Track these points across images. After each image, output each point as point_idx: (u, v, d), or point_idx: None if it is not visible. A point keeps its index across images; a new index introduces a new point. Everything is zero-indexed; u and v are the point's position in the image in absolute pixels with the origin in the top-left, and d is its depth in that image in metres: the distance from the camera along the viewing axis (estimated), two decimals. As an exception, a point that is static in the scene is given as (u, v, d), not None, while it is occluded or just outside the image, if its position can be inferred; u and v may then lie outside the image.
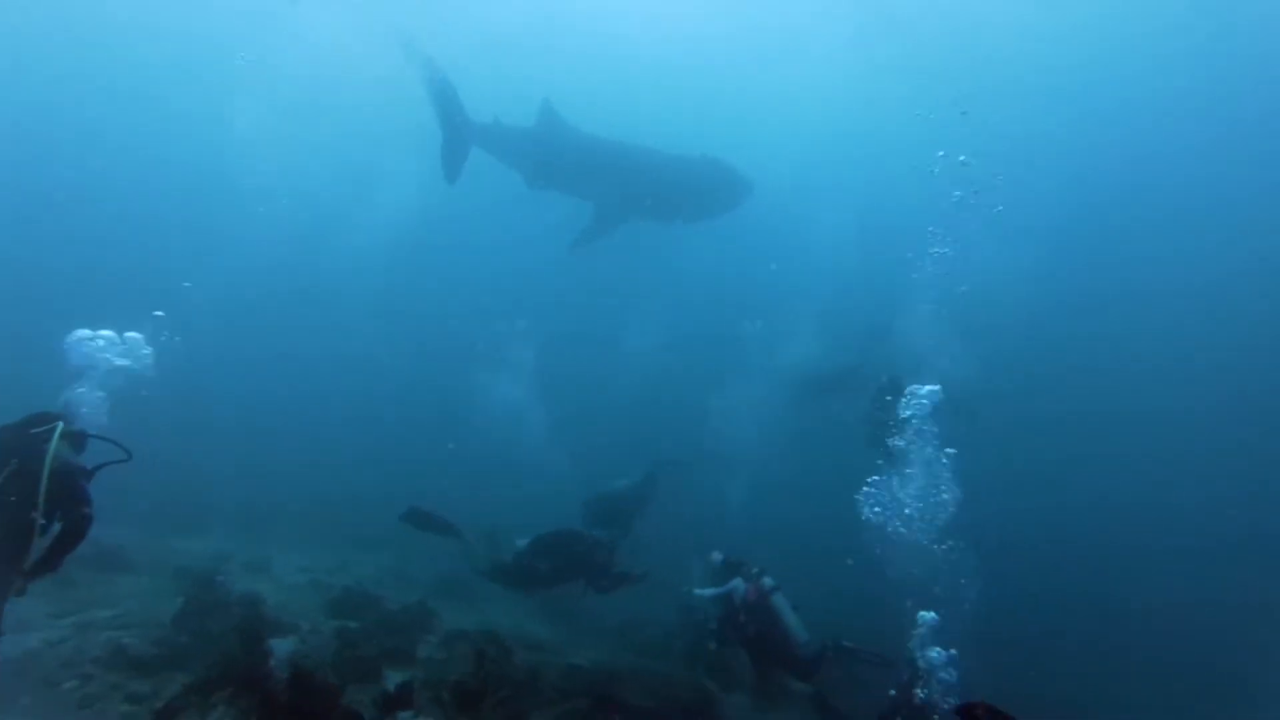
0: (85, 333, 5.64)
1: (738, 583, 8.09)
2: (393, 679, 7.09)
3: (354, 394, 21.42)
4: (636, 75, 30.46)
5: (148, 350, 5.88)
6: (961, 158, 10.83)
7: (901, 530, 8.22)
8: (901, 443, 8.72)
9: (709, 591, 8.34)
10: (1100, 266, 24.49)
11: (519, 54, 28.37)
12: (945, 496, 8.24)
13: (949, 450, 8.48)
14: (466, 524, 9.30)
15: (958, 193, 10.83)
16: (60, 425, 4.77)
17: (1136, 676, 10.35)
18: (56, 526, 4.69)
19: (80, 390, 5.34)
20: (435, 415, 20.65)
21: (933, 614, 7.00)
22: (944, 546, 7.97)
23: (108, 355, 5.59)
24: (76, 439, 4.92)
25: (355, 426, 19.22)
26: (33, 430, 4.68)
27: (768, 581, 8.03)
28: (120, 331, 5.82)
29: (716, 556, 8.88)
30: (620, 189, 14.23)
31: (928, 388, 8.68)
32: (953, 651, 6.76)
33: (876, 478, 8.64)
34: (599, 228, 14.69)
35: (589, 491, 11.32)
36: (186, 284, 16.14)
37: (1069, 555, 13.79)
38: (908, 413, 8.67)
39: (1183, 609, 12.04)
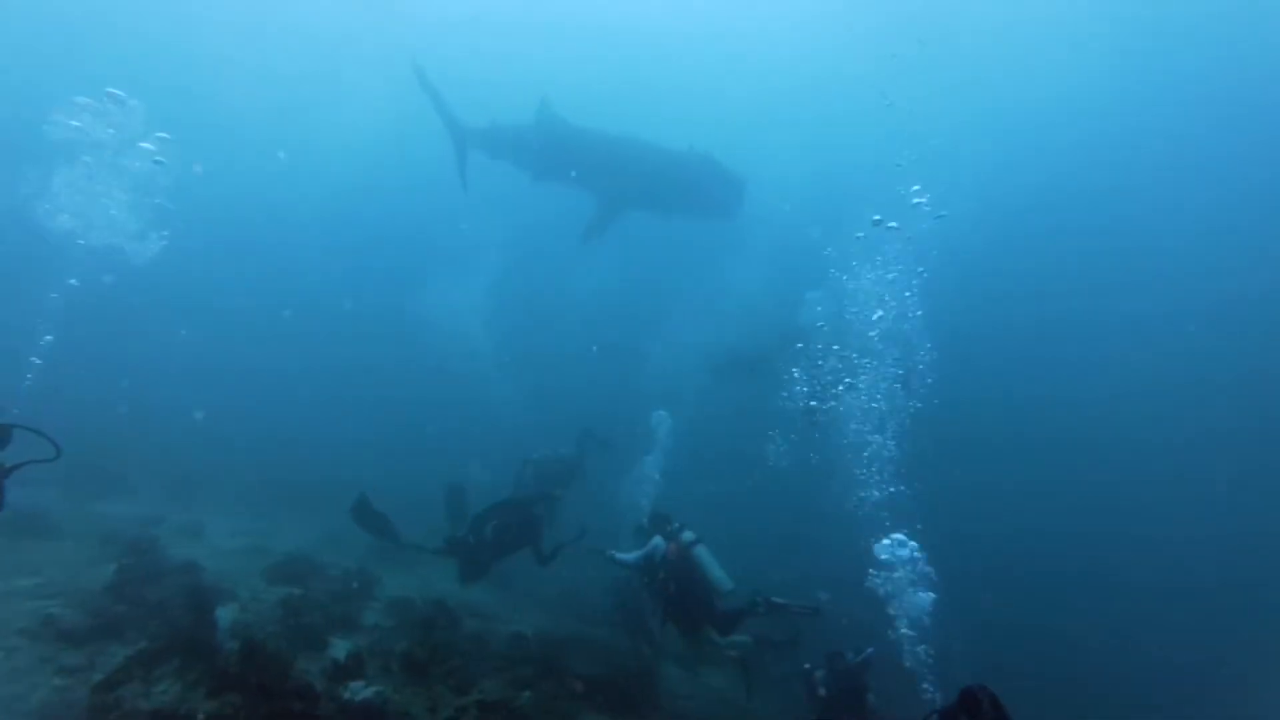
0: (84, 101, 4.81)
1: (658, 541, 7.90)
2: (339, 647, 7.09)
3: (286, 349, 20.81)
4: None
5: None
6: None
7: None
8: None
9: (630, 556, 8.12)
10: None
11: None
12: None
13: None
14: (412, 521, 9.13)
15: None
16: None
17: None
18: None
19: None
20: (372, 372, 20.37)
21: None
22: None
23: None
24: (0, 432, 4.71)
25: (287, 384, 18.69)
26: None
27: (688, 535, 7.76)
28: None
29: (662, 416, 8.85)
30: (617, 183, 14.63)
31: None
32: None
33: None
34: (602, 220, 15.01)
35: (526, 455, 11.44)
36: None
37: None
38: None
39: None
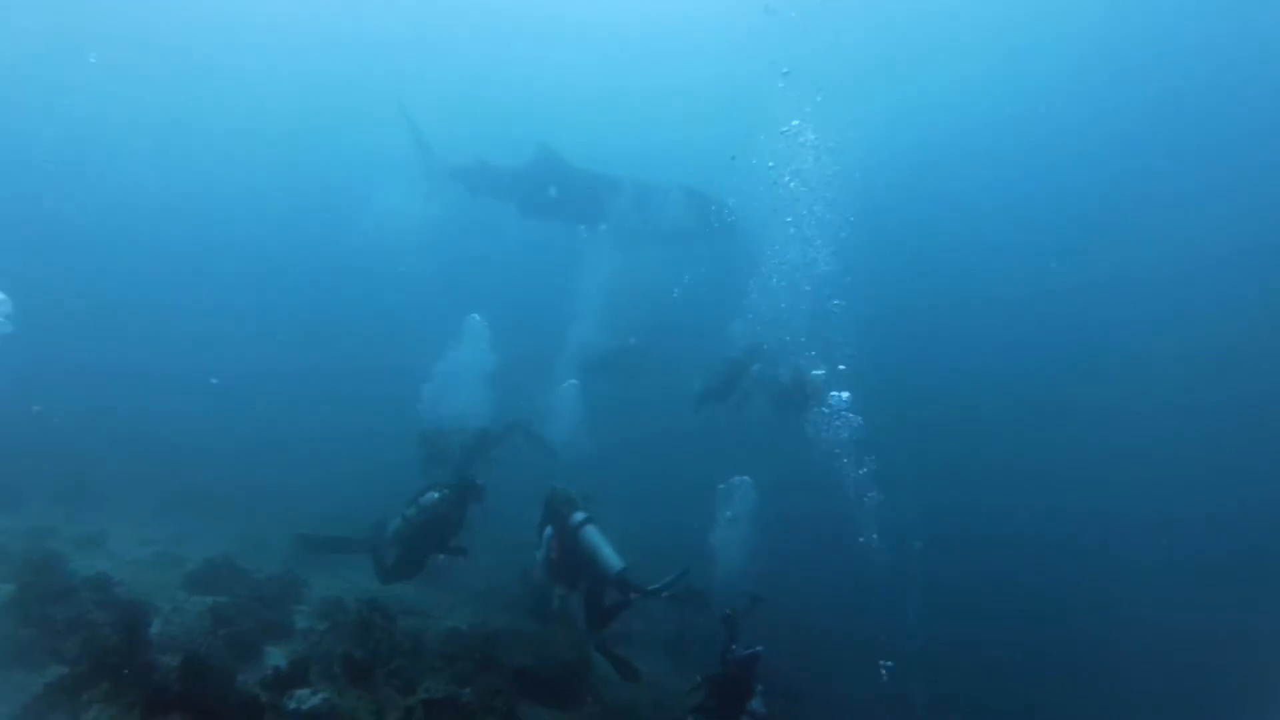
0: None
1: (548, 533, 7.78)
2: (273, 655, 6.94)
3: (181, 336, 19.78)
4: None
5: None
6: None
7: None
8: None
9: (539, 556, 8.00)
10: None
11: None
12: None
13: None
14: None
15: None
16: None
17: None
18: None
19: None
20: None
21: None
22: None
23: None
24: None
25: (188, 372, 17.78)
26: None
27: (577, 517, 7.57)
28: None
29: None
30: (617, 221, 16.17)
31: None
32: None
33: None
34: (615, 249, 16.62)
35: (428, 424, 11.34)
36: None
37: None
38: None
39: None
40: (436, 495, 8.37)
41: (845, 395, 10.03)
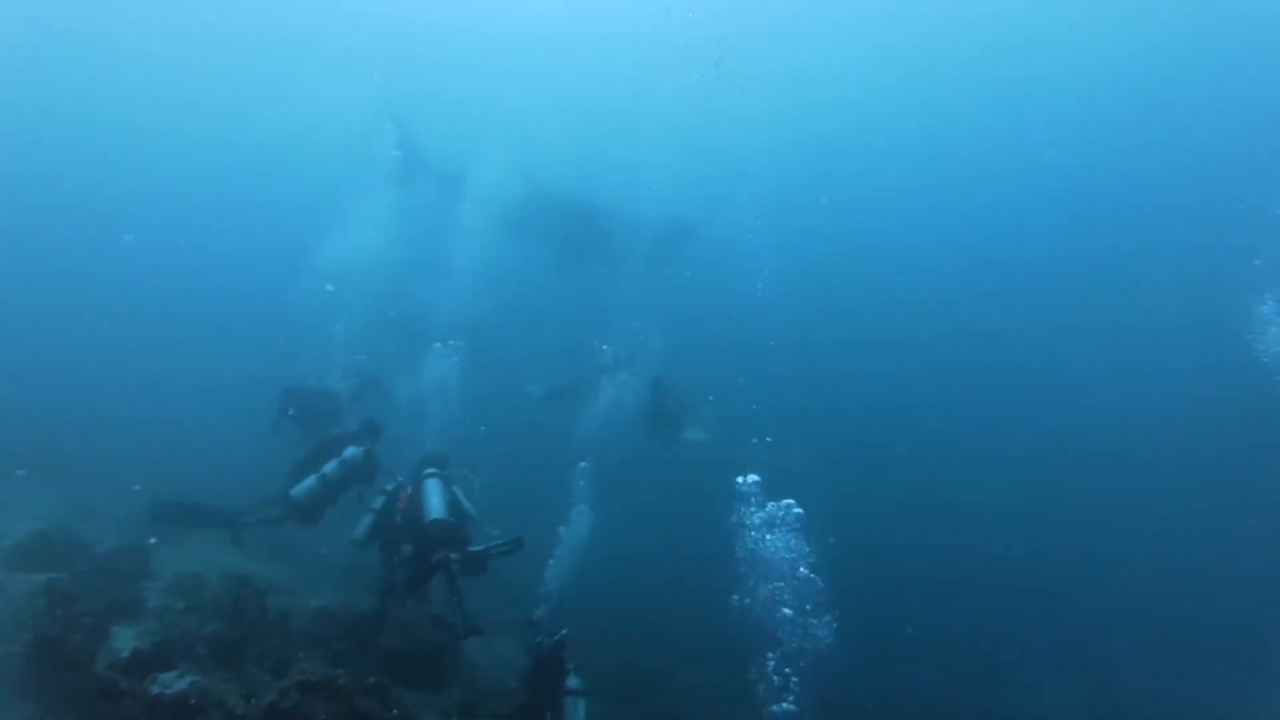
0: None
1: (402, 482, 7.74)
2: (123, 637, 6.37)
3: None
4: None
5: None
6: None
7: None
8: None
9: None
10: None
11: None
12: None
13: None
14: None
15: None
16: None
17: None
18: None
19: None
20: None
21: None
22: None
23: None
24: None
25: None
26: None
27: (428, 470, 7.48)
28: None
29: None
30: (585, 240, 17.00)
31: None
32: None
33: None
34: (568, 266, 17.30)
35: (292, 379, 11.07)
36: None
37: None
38: None
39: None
40: (358, 449, 8.20)
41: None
